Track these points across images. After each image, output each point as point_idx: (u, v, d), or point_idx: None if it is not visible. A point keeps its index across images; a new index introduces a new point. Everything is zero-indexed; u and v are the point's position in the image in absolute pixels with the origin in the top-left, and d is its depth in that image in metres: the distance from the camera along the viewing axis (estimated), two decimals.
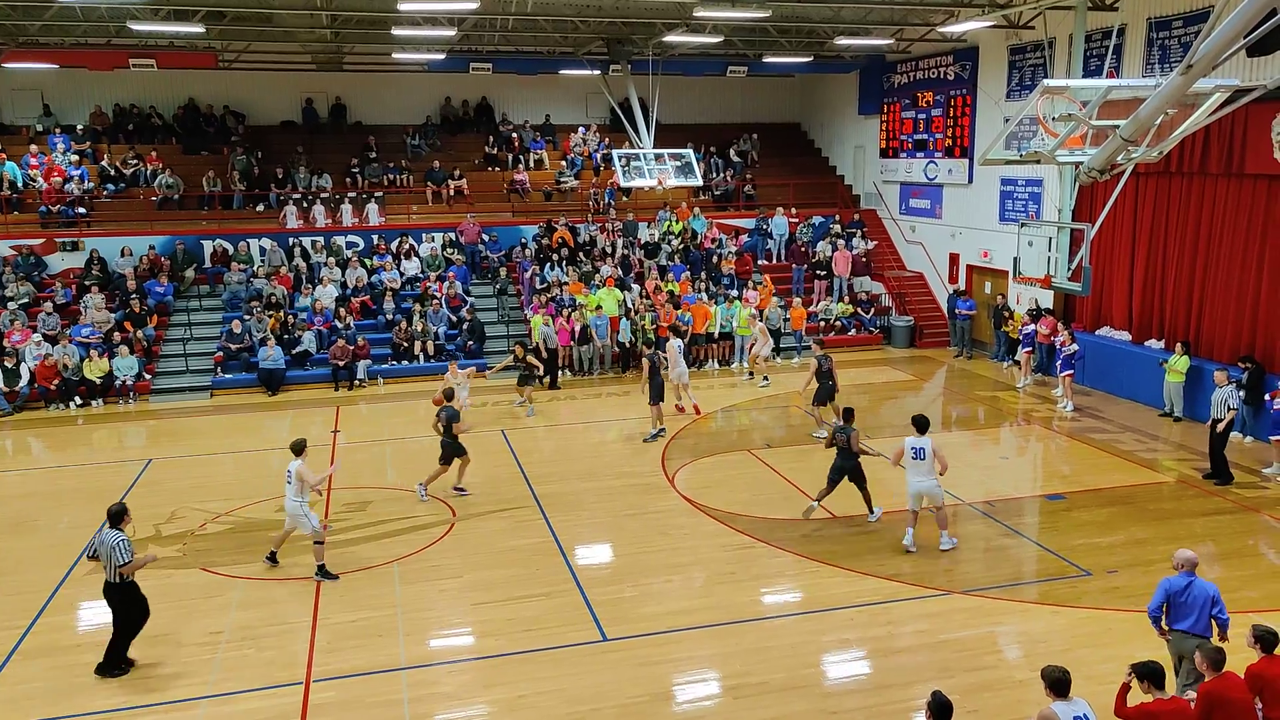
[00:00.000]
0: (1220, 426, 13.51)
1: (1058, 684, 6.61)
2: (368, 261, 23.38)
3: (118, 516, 9.11)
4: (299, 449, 11.00)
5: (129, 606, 9.07)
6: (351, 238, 24.05)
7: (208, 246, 23.22)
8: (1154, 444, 15.80)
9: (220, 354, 20.42)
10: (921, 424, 11.34)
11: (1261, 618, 9.16)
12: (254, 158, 25.36)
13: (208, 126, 26.32)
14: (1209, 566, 10.98)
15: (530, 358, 18.39)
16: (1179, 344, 16.79)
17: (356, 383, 20.36)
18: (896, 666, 8.97)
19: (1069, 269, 13.97)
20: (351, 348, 20.49)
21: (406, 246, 23.79)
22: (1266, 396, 14.48)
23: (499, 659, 9.19)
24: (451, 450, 13.24)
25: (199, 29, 18.56)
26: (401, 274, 23.20)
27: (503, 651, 9.27)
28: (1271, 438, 14.10)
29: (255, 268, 22.78)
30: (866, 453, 12.40)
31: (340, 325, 21.00)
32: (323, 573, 10.90)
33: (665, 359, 17.02)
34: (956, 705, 6.56)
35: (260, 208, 24.86)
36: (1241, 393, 15.51)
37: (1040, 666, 6.87)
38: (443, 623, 10.00)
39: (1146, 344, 18.34)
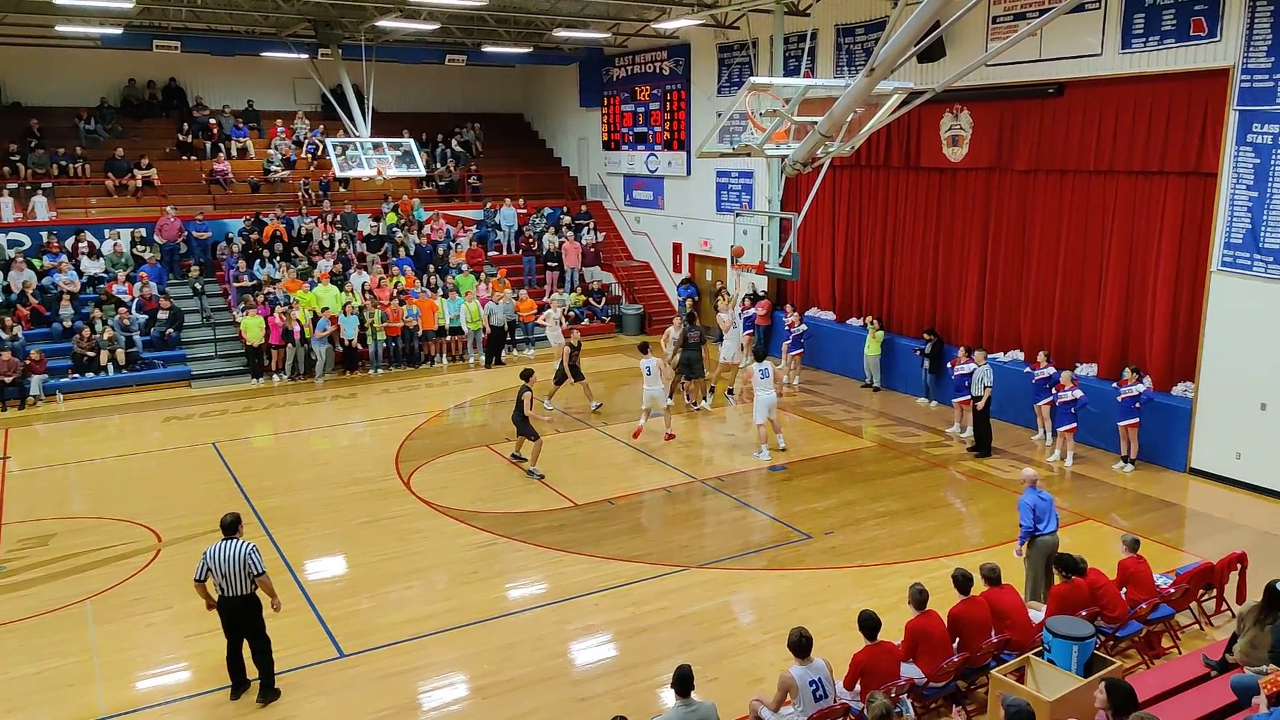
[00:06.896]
0: (980, 404, 14.39)
1: (796, 646, 6.90)
2: (36, 262, 20.48)
3: (234, 526, 8.26)
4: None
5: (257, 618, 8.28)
6: (14, 235, 20.95)
7: None
8: (858, 413, 17.26)
9: None
10: (760, 354, 14.94)
11: (954, 561, 10.27)
12: None
13: None
14: (907, 522, 12.15)
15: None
16: (874, 320, 18.48)
17: (30, 400, 17.80)
18: (641, 645, 9.09)
19: (780, 256, 14.83)
20: (21, 361, 17.85)
21: (85, 244, 21.14)
22: (947, 364, 16.20)
23: (222, 692, 8.32)
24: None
25: None
26: (81, 275, 20.56)
27: (226, 684, 8.40)
28: (954, 400, 15.79)
29: None
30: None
31: (5, 336, 18.20)
32: None
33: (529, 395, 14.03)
34: (698, 674, 6.72)
35: None
36: (927, 362, 17.36)
37: (771, 629, 7.22)
38: (151, 661, 8.91)
39: (848, 322, 20.03)
